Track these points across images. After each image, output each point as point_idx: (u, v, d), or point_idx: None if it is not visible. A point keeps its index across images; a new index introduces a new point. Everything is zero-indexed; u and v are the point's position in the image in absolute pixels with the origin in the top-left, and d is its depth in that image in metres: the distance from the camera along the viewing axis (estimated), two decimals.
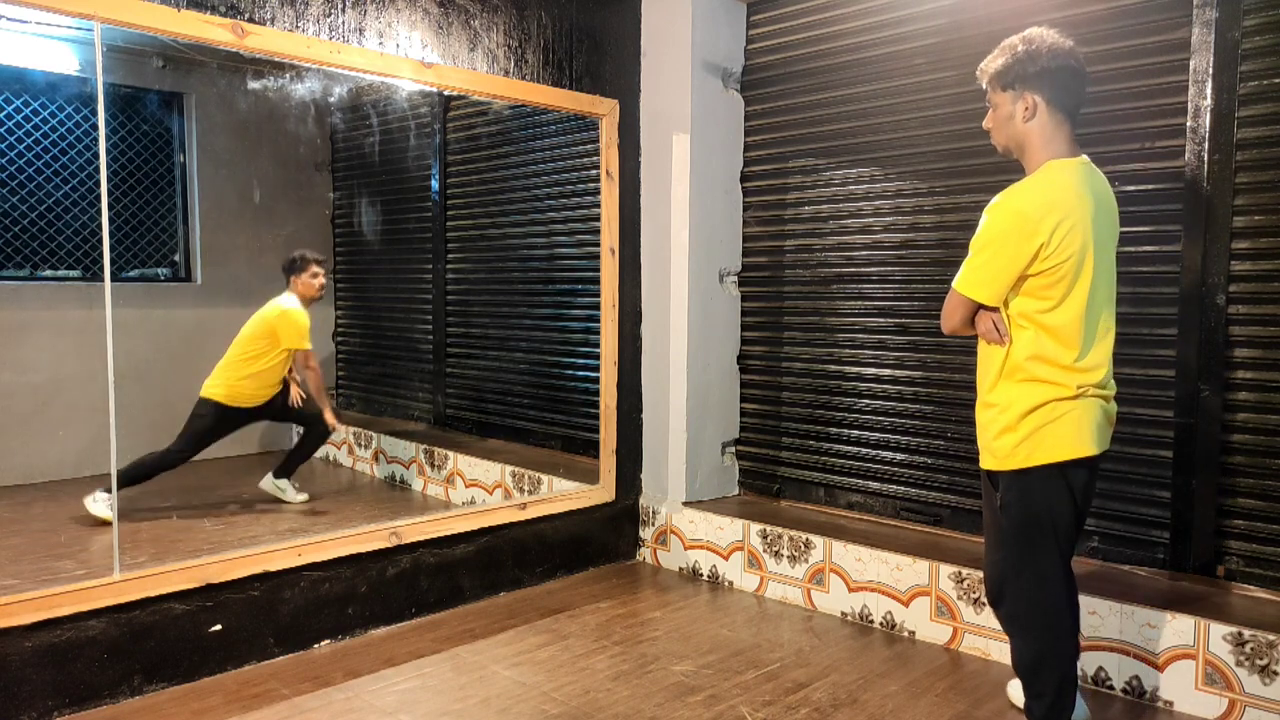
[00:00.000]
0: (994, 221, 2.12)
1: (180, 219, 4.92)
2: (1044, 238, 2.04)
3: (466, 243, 4.96)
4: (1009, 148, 2.24)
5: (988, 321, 2.19)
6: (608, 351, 4.00)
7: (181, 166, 4.90)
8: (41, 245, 4.51)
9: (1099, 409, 2.17)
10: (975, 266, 2.15)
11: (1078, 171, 2.13)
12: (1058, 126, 2.16)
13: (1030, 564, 2.20)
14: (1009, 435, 2.16)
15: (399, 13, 3.25)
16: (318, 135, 5.27)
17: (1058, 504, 2.16)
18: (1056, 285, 2.09)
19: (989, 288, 2.14)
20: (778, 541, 3.63)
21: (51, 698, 2.61)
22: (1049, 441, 2.13)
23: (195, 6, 2.76)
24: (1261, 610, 2.71)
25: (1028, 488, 2.17)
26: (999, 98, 2.21)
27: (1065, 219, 2.05)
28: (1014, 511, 2.19)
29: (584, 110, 3.85)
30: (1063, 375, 2.12)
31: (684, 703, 2.75)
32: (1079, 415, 2.13)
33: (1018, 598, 2.24)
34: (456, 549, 3.54)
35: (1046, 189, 2.10)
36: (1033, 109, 2.15)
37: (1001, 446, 2.18)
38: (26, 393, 4.43)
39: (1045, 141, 2.16)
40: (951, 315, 2.23)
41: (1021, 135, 2.19)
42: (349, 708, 2.71)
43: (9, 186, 4.41)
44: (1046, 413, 2.12)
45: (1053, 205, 2.06)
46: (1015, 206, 2.09)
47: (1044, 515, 2.16)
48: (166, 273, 4.91)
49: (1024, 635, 2.25)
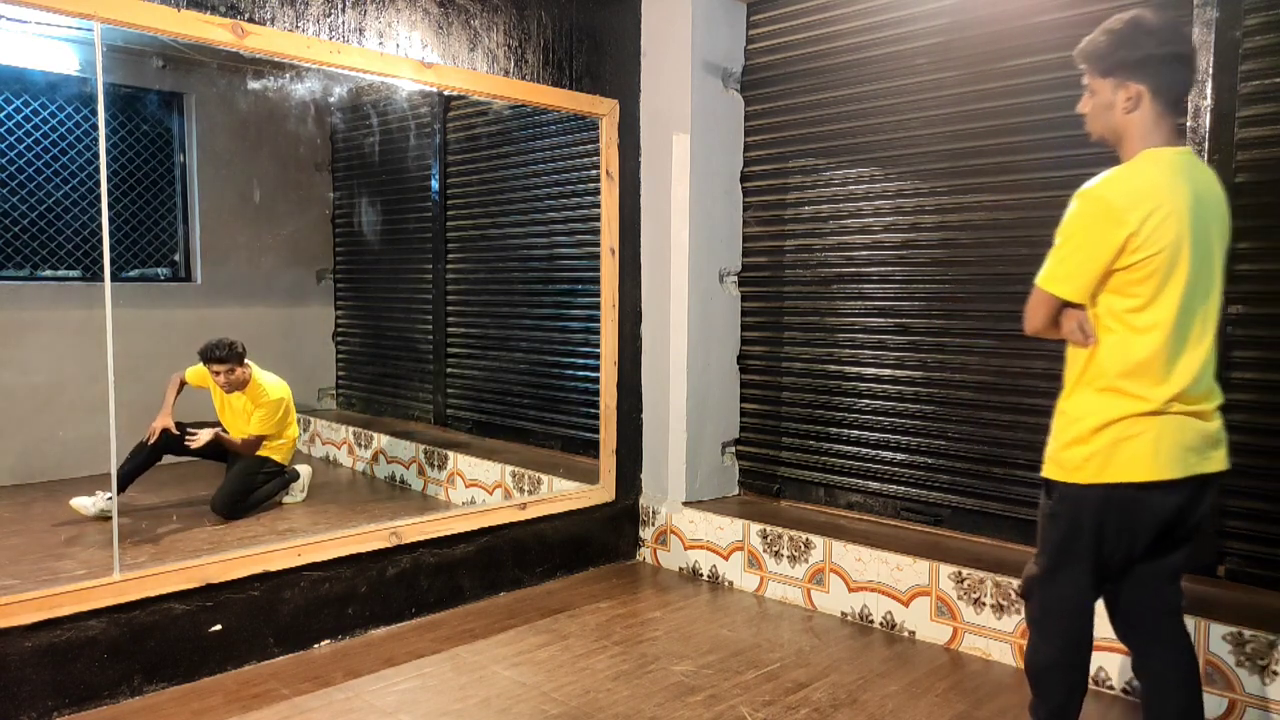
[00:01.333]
0: (1079, 210, 1.95)
1: (180, 219, 4.92)
2: (1132, 227, 1.87)
3: (466, 243, 4.96)
4: (1105, 137, 2.06)
5: (1073, 321, 1.99)
6: (608, 351, 4.00)
7: (181, 166, 4.91)
8: (41, 245, 4.51)
9: (1190, 428, 1.95)
10: (1058, 259, 1.97)
11: (1175, 161, 1.96)
12: (1160, 118, 1.97)
13: (1064, 578, 2.08)
14: (1079, 448, 1.98)
15: (399, 13, 3.25)
16: (318, 135, 5.28)
17: (1113, 527, 1.99)
18: (1146, 281, 1.90)
19: (1072, 282, 1.95)
20: (778, 541, 3.63)
21: (51, 698, 2.60)
22: (1122, 459, 1.94)
23: (195, 6, 2.76)
24: (1261, 610, 2.71)
25: (1084, 503, 2.00)
26: (1098, 84, 2.02)
27: (1158, 209, 1.87)
28: (1062, 524, 2.04)
29: (584, 110, 3.85)
30: (1148, 387, 1.92)
31: (684, 703, 2.75)
32: (1159, 434, 1.93)
33: (1043, 604, 2.14)
34: (456, 549, 3.54)
35: (1137, 177, 1.93)
36: (1135, 100, 1.96)
37: (1069, 458, 2.00)
38: (26, 393, 4.43)
39: (1145, 134, 1.98)
40: (1034, 314, 2.03)
41: (1121, 127, 2.01)
42: (349, 708, 2.70)
43: (9, 186, 4.41)
44: (1124, 428, 1.94)
45: (1143, 194, 1.89)
46: (1101, 194, 1.92)
47: (1090, 535, 2.01)
48: (166, 273, 4.92)
49: (1041, 639, 2.16)
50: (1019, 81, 3.26)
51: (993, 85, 3.33)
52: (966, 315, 3.44)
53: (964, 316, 3.45)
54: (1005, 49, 3.29)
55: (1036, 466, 3.22)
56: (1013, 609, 3.02)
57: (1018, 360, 3.30)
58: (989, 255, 3.38)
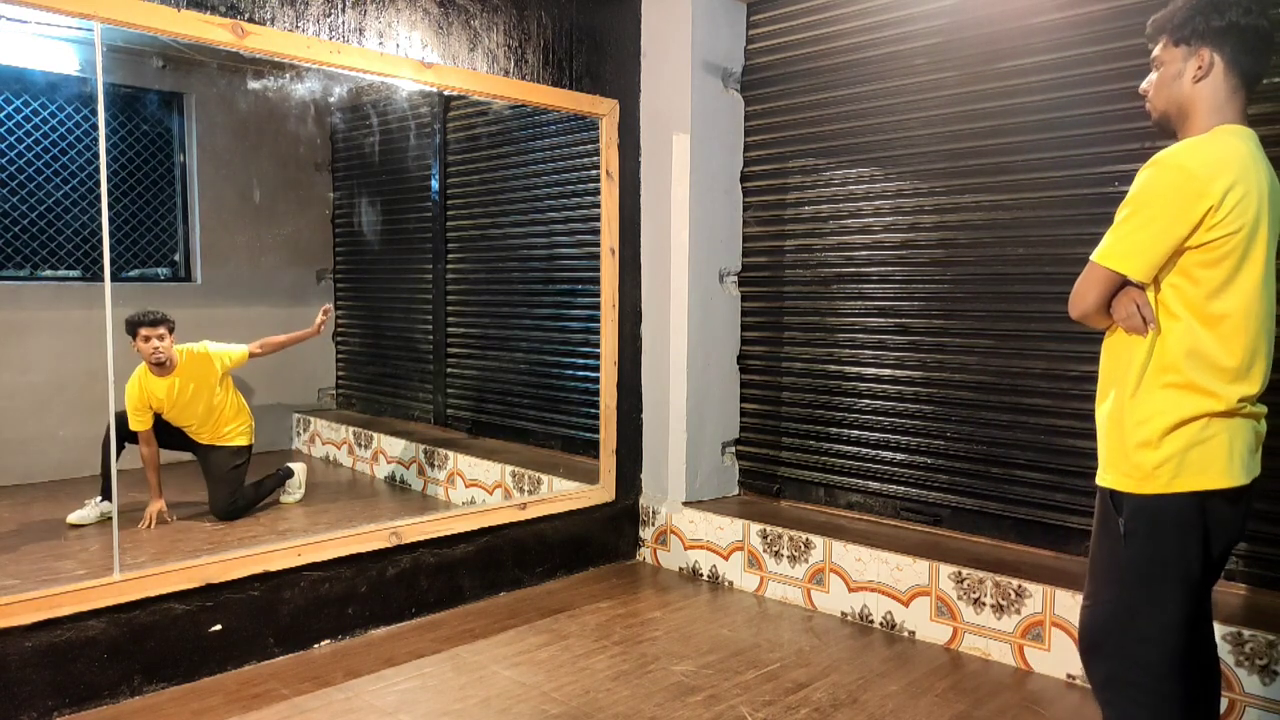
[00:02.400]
0: (1155, 178, 1.72)
1: (180, 219, 4.92)
2: (1214, 200, 1.67)
3: (466, 243, 4.96)
4: (1167, 113, 1.86)
5: (1130, 304, 1.76)
6: (608, 351, 4.00)
7: (181, 166, 4.91)
8: (41, 245, 4.51)
9: (1251, 430, 1.79)
10: (1125, 233, 1.74)
11: (1253, 139, 1.78)
12: (1232, 93, 1.79)
13: (1150, 614, 1.77)
14: (1148, 453, 1.75)
15: (399, 13, 3.25)
16: (318, 135, 5.27)
17: (1194, 543, 1.76)
18: (1221, 263, 1.70)
19: (1140, 258, 1.73)
20: (778, 541, 3.63)
21: (51, 698, 2.61)
22: (1196, 465, 1.73)
23: (195, 6, 2.76)
24: (1261, 610, 2.71)
25: (1162, 518, 1.76)
26: (1168, 54, 1.84)
27: (1240, 182, 1.68)
28: (1140, 545, 1.78)
29: (584, 110, 3.85)
30: (1221, 384, 1.72)
31: (684, 703, 2.75)
32: (1232, 436, 1.74)
33: (1124, 654, 1.79)
34: (456, 549, 3.54)
35: (1220, 147, 1.73)
36: (1207, 68, 1.78)
37: (1140, 465, 1.76)
38: (26, 393, 4.43)
39: (1214, 108, 1.79)
40: (1085, 295, 1.80)
41: (1187, 98, 1.81)
42: (349, 708, 2.71)
43: (9, 186, 4.41)
44: (1198, 430, 1.73)
45: (1227, 164, 1.70)
46: (1180, 162, 1.71)
47: (1176, 555, 1.76)
48: (166, 273, 4.92)
49: (1125, 703, 1.79)
50: (1017, 82, 3.26)
51: (991, 86, 3.33)
52: (966, 315, 3.45)
53: (963, 316, 3.45)
54: (1003, 50, 3.29)
55: (1036, 466, 3.26)
56: (1012, 609, 3.02)
57: (1017, 360, 3.30)
58: (988, 255, 3.38)
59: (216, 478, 4.18)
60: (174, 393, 4.09)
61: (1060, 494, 3.22)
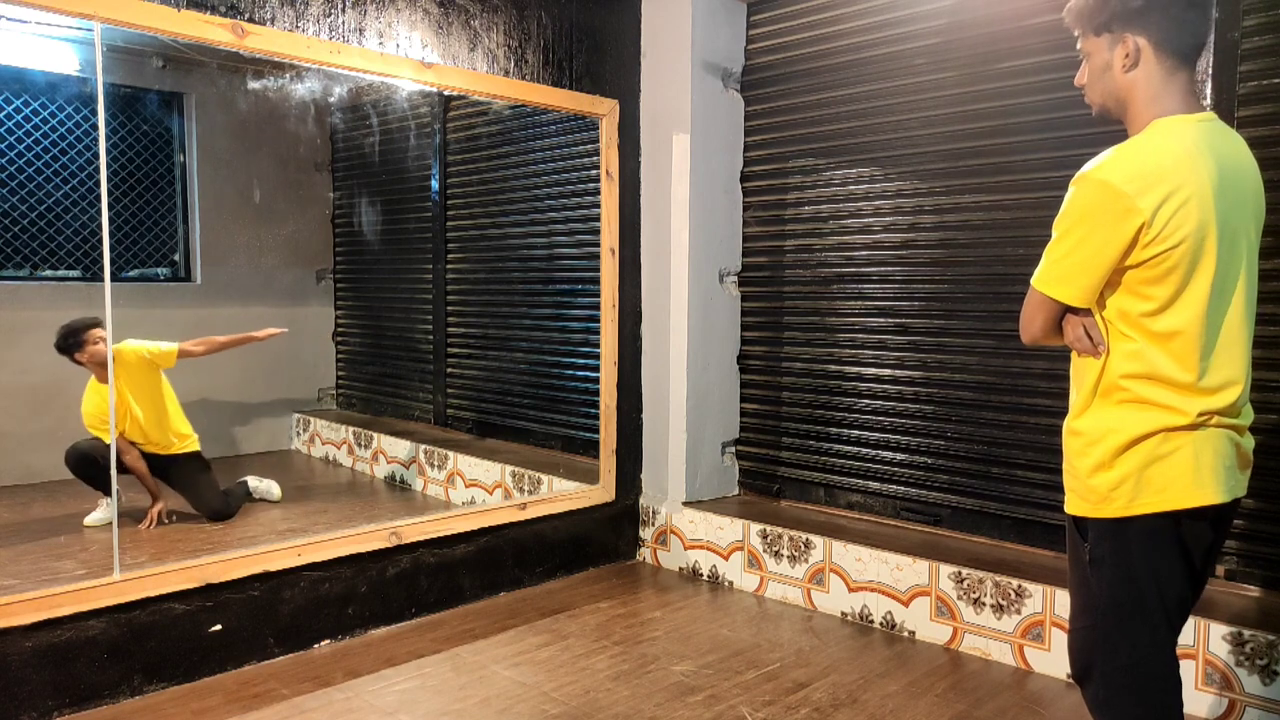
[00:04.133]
0: (1079, 195, 1.63)
1: (180, 219, 4.92)
2: (1145, 216, 1.56)
3: (466, 243, 4.96)
4: (1106, 105, 1.76)
5: (1077, 328, 1.70)
6: (608, 351, 4.00)
7: (181, 166, 4.90)
8: (41, 245, 4.50)
9: (1226, 442, 1.67)
10: (1057, 257, 1.66)
11: (1195, 132, 1.64)
12: (1169, 75, 1.67)
13: (1127, 639, 1.71)
14: (1104, 474, 1.68)
15: (399, 13, 3.25)
16: (318, 135, 5.27)
17: (1166, 565, 1.67)
18: (1165, 279, 1.60)
19: (1074, 284, 1.65)
20: (778, 541, 3.63)
21: (51, 698, 2.61)
22: (1158, 483, 1.64)
23: (195, 6, 2.76)
24: (1261, 610, 2.71)
25: (1126, 542, 1.68)
26: (1092, 44, 1.75)
27: (1176, 192, 1.57)
28: (1108, 572, 1.70)
29: (584, 110, 3.85)
30: (1178, 398, 1.63)
31: (684, 703, 2.75)
32: (1197, 450, 1.64)
33: (1110, 680, 1.74)
34: (456, 549, 3.54)
35: (1148, 154, 1.61)
36: (1135, 55, 1.67)
37: (1095, 488, 1.69)
38: (26, 393, 4.43)
39: (1153, 96, 1.68)
40: (1031, 320, 1.73)
41: (1123, 89, 1.71)
42: (349, 708, 2.71)
43: (9, 186, 4.41)
44: (1155, 446, 1.64)
45: (1156, 175, 1.57)
46: (1104, 177, 1.60)
47: (1147, 578, 1.68)
48: (166, 272, 4.91)
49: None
50: (1016, 82, 3.26)
51: (990, 86, 3.33)
52: (966, 315, 3.45)
53: (963, 316, 3.45)
54: (1002, 50, 3.29)
55: (1036, 466, 3.26)
56: (1012, 609, 3.02)
57: (1017, 360, 3.30)
58: (987, 255, 3.38)
59: (190, 485, 4.09)
60: (126, 397, 3.96)
61: (1060, 494, 3.19)
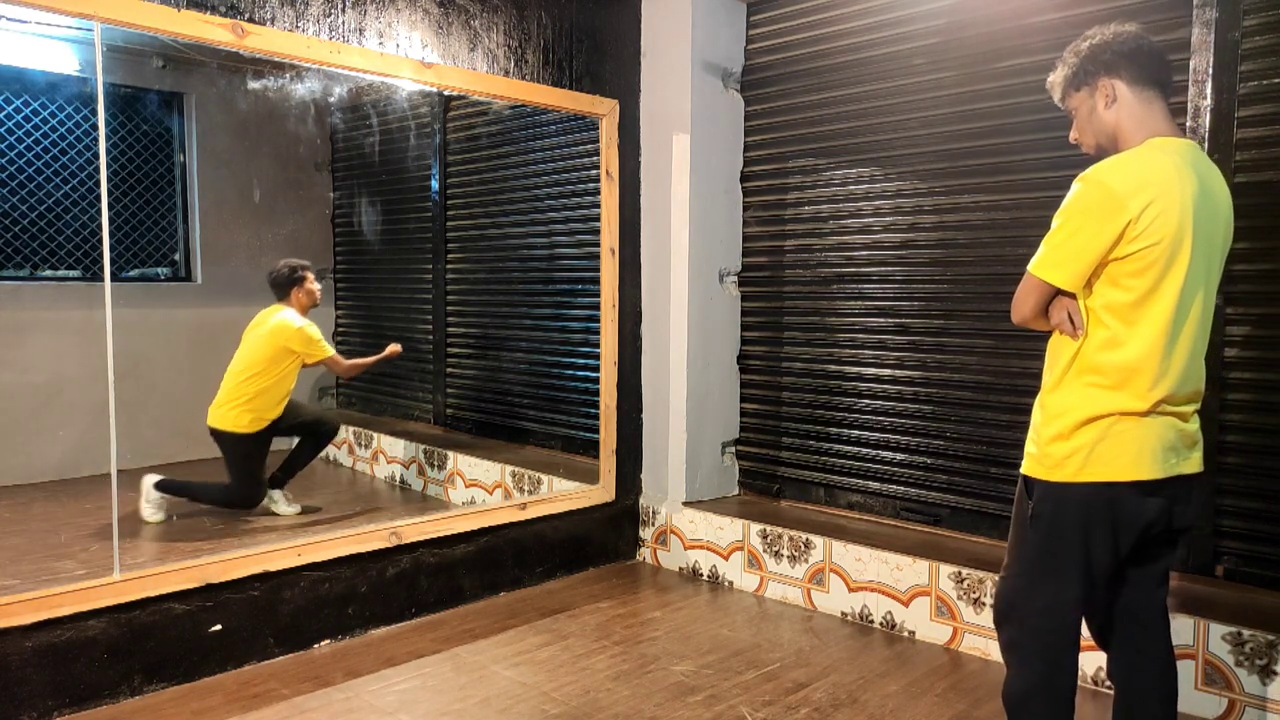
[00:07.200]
0: (1078, 194, 1.87)
1: (180, 219, 4.92)
2: (1132, 214, 1.79)
3: (466, 243, 4.96)
4: (1101, 144, 2.01)
5: (1062, 311, 1.92)
6: (608, 351, 4.00)
7: (181, 166, 4.90)
8: (41, 245, 4.50)
9: (1172, 429, 1.90)
10: (1053, 245, 1.89)
11: (1181, 151, 1.88)
12: (1148, 104, 1.93)
13: (1047, 588, 1.95)
14: (1060, 444, 1.90)
15: (399, 13, 3.25)
16: (318, 135, 5.27)
17: (1097, 529, 1.90)
18: (1146, 273, 1.82)
19: (1067, 269, 1.87)
20: (778, 541, 3.63)
21: (51, 698, 2.61)
22: (1104, 458, 1.87)
23: (195, 6, 2.76)
24: (1260, 610, 2.71)
25: (1065, 504, 1.91)
26: (1075, 100, 2.02)
27: (1160, 198, 1.80)
28: (1043, 526, 1.94)
29: (584, 110, 3.85)
30: (1138, 385, 1.85)
31: (684, 703, 2.75)
32: (1144, 433, 1.87)
33: (1024, 624, 1.98)
34: (456, 549, 3.54)
35: (1142, 163, 1.85)
36: (1113, 93, 1.94)
37: (1050, 454, 1.92)
38: (26, 393, 4.42)
39: (1138, 123, 1.93)
40: (1023, 302, 1.96)
41: (1110, 125, 1.96)
42: (349, 708, 2.71)
43: (9, 186, 4.41)
44: (1108, 425, 1.86)
45: (1146, 181, 1.81)
46: (1101, 178, 1.84)
47: (1076, 539, 1.91)
48: (166, 272, 4.91)
49: (1020, 665, 2.00)
50: (1015, 82, 3.26)
51: (990, 86, 3.33)
52: (965, 315, 3.45)
53: (963, 316, 3.45)
54: (1002, 49, 3.30)
55: None
56: None
57: (1017, 360, 3.30)
58: (987, 255, 3.38)
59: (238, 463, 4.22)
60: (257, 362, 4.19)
61: None
